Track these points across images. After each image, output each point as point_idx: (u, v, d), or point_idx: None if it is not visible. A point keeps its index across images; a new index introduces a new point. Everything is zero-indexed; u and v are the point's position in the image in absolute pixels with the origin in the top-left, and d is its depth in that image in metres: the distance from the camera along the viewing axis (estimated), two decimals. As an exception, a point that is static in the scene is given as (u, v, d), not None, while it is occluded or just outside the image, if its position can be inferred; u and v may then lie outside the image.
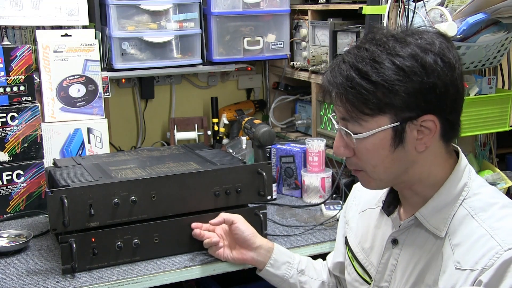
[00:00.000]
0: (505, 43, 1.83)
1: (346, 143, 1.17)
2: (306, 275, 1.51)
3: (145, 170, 1.70)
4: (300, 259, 1.53)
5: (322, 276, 1.53)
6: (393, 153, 1.13)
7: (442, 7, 1.75)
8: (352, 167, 1.20)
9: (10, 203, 1.98)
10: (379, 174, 1.16)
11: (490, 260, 1.05)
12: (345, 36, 2.19)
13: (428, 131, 1.11)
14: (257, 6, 2.43)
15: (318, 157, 2.10)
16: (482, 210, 1.13)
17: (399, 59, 1.08)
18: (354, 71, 1.09)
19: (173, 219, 1.65)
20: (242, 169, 1.72)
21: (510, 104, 1.95)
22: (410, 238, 1.21)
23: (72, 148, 2.09)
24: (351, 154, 1.17)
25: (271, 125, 2.61)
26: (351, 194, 1.48)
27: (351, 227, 1.41)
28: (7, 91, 1.94)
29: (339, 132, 1.17)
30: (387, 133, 1.11)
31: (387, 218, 1.27)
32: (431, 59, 1.08)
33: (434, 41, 1.11)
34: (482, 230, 1.10)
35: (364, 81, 1.08)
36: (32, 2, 2.13)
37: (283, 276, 1.50)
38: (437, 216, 1.16)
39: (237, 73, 2.74)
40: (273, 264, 1.50)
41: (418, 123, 1.10)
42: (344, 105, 1.12)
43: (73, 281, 1.52)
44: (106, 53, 2.26)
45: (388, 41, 1.10)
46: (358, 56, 1.10)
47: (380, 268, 1.26)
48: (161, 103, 2.65)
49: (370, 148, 1.13)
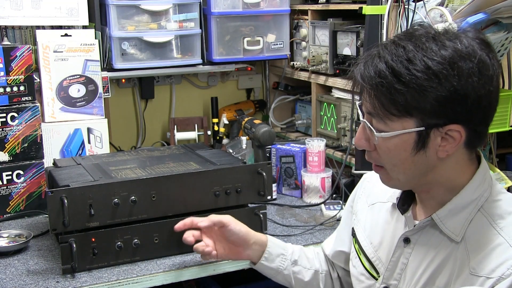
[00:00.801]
0: (505, 43, 1.83)
1: (368, 136, 1.15)
2: (299, 265, 1.50)
3: (145, 170, 1.70)
4: (293, 250, 1.51)
5: (315, 265, 1.51)
6: (414, 156, 1.11)
7: (442, 7, 1.76)
8: (372, 161, 1.18)
9: (10, 203, 1.98)
10: (397, 174, 1.15)
11: (508, 270, 1.04)
12: (345, 36, 2.19)
13: (453, 139, 1.08)
14: (257, 6, 2.43)
15: (318, 157, 2.10)
16: (500, 217, 1.11)
17: (435, 63, 1.04)
18: (388, 68, 1.07)
19: (173, 219, 1.64)
20: (242, 169, 1.72)
21: (510, 104, 1.95)
22: (423, 238, 1.19)
23: (72, 148, 2.09)
24: (372, 149, 1.16)
25: (271, 125, 2.61)
26: (360, 185, 1.46)
27: (359, 219, 1.39)
28: (7, 91, 1.94)
29: (363, 124, 1.15)
30: (411, 136, 1.09)
31: (399, 215, 1.26)
32: (468, 68, 1.04)
33: (475, 49, 1.06)
34: (500, 238, 1.08)
35: (395, 80, 1.06)
36: (32, 2, 2.13)
37: (277, 268, 1.48)
38: (454, 220, 1.14)
39: (237, 73, 2.74)
40: (267, 257, 1.48)
41: (444, 130, 1.08)
42: (372, 101, 1.10)
43: (73, 281, 1.52)
44: (106, 53, 2.26)
45: (426, 41, 1.07)
46: (394, 54, 1.07)
47: (390, 266, 1.25)
48: (161, 103, 2.65)
49: (391, 148, 1.12)
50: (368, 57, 1.12)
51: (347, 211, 1.48)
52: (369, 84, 1.09)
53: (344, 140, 2.21)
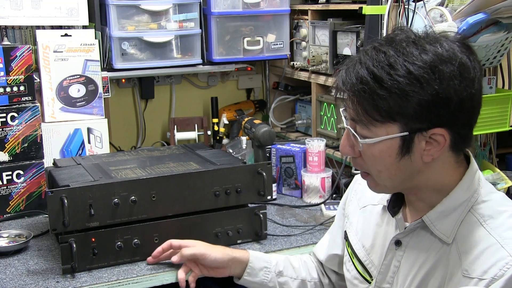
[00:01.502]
0: (505, 43, 1.83)
1: (353, 143, 1.15)
2: (285, 275, 1.50)
3: (145, 170, 1.70)
4: (277, 261, 1.52)
5: (301, 274, 1.51)
6: (399, 161, 1.11)
7: (442, 7, 1.75)
8: (358, 168, 1.19)
9: (10, 203, 1.98)
10: (384, 180, 1.15)
11: (501, 271, 1.04)
12: (345, 36, 2.19)
13: (437, 143, 1.08)
14: (257, 6, 2.43)
15: (318, 157, 2.10)
16: (491, 217, 1.11)
17: (416, 67, 1.04)
18: (369, 74, 1.07)
19: (173, 219, 1.65)
20: (242, 169, 1.72)
21: (510, 104, 1.95)
22: (415, 241, 1.19)
23: (72, 148, 2.09)
24: (357, 155, 1.16)
25: (271, 125, 2.61)
26: (351, 187, 1.46)
27: (351, 222, 1.39)
28: (7, 91, 1.94)
29: (347, 131, 1.16)
30: (395, 141, 1.09)
31: (390, 217, 1.26)
32: (449, 71, 1.04)
33: (455, 52, 1.06)
34: (491, 239, 1.08)
35: (377, 86, 1.06)
36: (32, 2, 2.13)
37: (261, 282, 1.49)
38: (445, 221, 1.14)
39: (237, 73, 2.74)
40: (250, 272, 1.49)
41: (428, 135, 1.08)
42: (355, 108, 1.10)
43: (73, 281, 1.52)
44: (106, 53, 2.26)
45: (407, 46, 1.07)
46: (375, 59, 1.07)
47: (382, 269, 1.25)
48: (161, 103, 2.65)
49: (376, 154, 1.12)
50: (350, 63, 1.12)
51: (340, 214, 1.49)
52: (351, 90, 1.09)
53: (344, 140, 2.21)
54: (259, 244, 1.74)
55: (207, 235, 1.68)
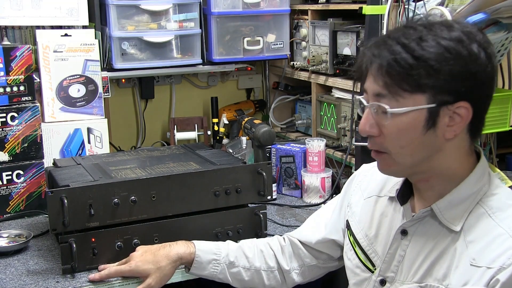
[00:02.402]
0: (505, 43, 1.83)
1: (374, 121, 1.15)
2: (236, 266, 1.50)
3: (145, 170, 1.70)
4: (228, 251, 1.51)
5: (254, 264, 1.51)
6: (424, 135, 1.12)
7: (442, 7, 1.75)
8: (376, 148, 1.18)
9: (10, 203, 1.98)
10: (404, 157, 1.15)
11: (509, 259, 1.05)
12: (345, 36, 2.19)
13: (460, 118, 1.11)
14: (257, 6, 2.43)
15: (318, 157, 2.10)
16: (500, 210, 1.13)
17: (446, 41, 1.08)
18: (400, 45, 1.09)
19: (173, 219, 1.65)
20: (242, 169, 1.72)
21: (510, 104, 1.95)
22: (421, 229, 1.20)
23: (72, 148, 2.09)
24: (377, 133, 1.16)
25: (271, 125, 2.61)
26: (355, 177, 1.46)
27: (354, 212, 1.39)
28: (7, 91, 1.94)
29: (368, 110, 1.16)
30: (421, 113, 1.10)
31: (396, 208, 1.27)
32: (475, 47, 1.09)
33: (478, 33, 1.12)
34: (500, 229, 1.10)
35: (408, 55, 1.08)
36: (32, 2, 2.13)
37: (211, 275, 1.50)
38: (453, 211, 1.16)
39: (237, 73, 2.74)
40: (197, 267, 1.49)
41: (453, 108, 1.10)
42: (384, 79, 1.11)
43: (73, 281, 1.52)
44: (106, 53, 2.26)
45: (435, 24, 1.12)
46: (405, 33, 1.11)
47: (387, 258, 1.25)
48: (161, 103, 2.65)
49: (402, 127, 1.12)
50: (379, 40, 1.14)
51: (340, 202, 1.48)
52: (382, 60, 1.11)
53: (344, 140, 2.21)
54: (259, 244, 1.74)
55: (207, 235, 1.67)
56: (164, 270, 1.49)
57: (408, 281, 1.20)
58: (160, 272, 1.48)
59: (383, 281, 1.26)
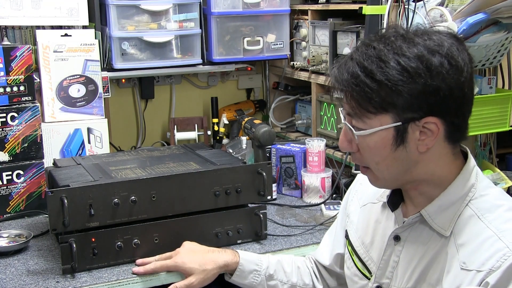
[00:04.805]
0: (505, 43, 1.83)
1: (350, 138, 1.18)
2: (275, 279, 1.52)
3: (145, 170, 1.70)
4: (268, 264, 1.53)
5: (292, 280, 1.53)
6: (395, 152, 1.13)
7: (442, 7, 1.76)
8: (358, 163, 1.21)
9: (10, 203, 1.98)
10: (382, 172, 1.17)
11: (498, 262, 1.05)
12: (345, 36, 2.19)
13: (431, 132, 1.11)
14: (257, 6, 2.43)
15: (318, 157, 2.10)
16: (488, 211, 1.13)
17: (405, 59, 1.07)
18: (360, 68, 1.10)
19: (173, 219, 1.65)
20: (242, 169, 1.72)
21: (510, 104, 1.95)
22: (413, 235, 1.21)
23: (72, 148, 2.09)
24: (355, 150, 1.18)
25: (271, 125, 2.61)
26: (352, 186, 1.48)
27: (352, 221, 1.40)
28: (7, 91, 1.94)
29: (344, 127, 1.18)
30: (389, 132, 1.11)
31: (389, 214, 1.27)
32: (437, 61, 1.07)
33: (443, 43, 1.10)
34: (489, 231, 1.09)
35: (368, 79, 1.09)
36: (32, 2, 2.13)
37: (250, 284, 1.52)
38: (443, 215, 1.16)
39: (237, 73, 2.74)
40: (239, 275, 1.52)
41: (421, 124, 1.10)
42: (349, 102, 1.13)
43: (73, 281, 1.52)
44: (106, 53, 2.26)
45: (396, 40, 1.10)
46: (365, 54, 1.11)
47: (382, 265, 1.26)
48: (161, 103, 2.65)
49: (371, 146, 1.14)
50: (342, 61, 1.15)
51: (341, 213, 1.50)
52: (344, 85, 1.12)
53: (344, 140, 2.21)
54: (259, 244, 1.74)
55: (207, 235, 1.68)
56: (209, 274, 1.52)
57: (403, 286, 1.21)
58: (204, 275, 1.52)
59: (379, 287, 1.27)
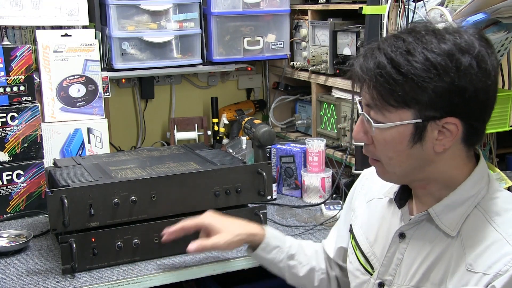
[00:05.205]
0: (505, 43, 1.83)
1: (366, 129, 1.16)
2: (295, 259, 1.50)
3: (145, 170, 1.70)
4: (291, 244, 1.51)
5: (311, 262, 1.51)
6: (410, 149, 1.11)
7: (442, 7, 1.76)
8: (369, 155, 1.19)
9: (10, 203, 1.98)
10: (393, 167, 1.15)
11: (506, 266, 1.04)
12: (345, 36, 2.19)
13: (449, 133, 1.09)
14: (257, 6, 2.43)
15: (318, 157, 2.10)
16: (497, 214, 1.11)
17: (434, 55, 1.05)
18: (387, 59, 1.08)
19: (173, 219, 1.64)
20: (242, 169, 1.72)
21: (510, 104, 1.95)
22: (419, 233, 1.20)
23: (72, 148, 2.09)
24: (369, 142, 1.16)
25: (271, 125, 2.61)
26: (358, 181, 1.46)
27: (357, 216, 1.39)
28: (7, 91, 1.94)
29: (361, 117, 1.16)
30: (407, 128, 1.10)
31: (395, 210, 1.26)
32: (466, 61, 1.05)
33: (474, 44, 1.07)
34: (497, 235, 1.08)
35: (394, 71, 1.07)
36: (32, 2, 2.13)
37: (272, 260, 1.49)
38: (450, 215, 1.15)
39: (237, 73, 2.74)
40: (264, 248, 1.48)
41: (441, 123, 1.08)
42: (371, 92, 1.11)
43: (73, 281, 1.52)
44: (106, 53, 2.26)
45: (426, 35, 1.08)
46: (393, 45, 1.09)
47: (385, 261, 1.25)
48: (161, 103, 2.65)
49: (388, 140, 1.12)
50: (368, 50, 1.13)
51: (346, 208, 1.49)
52: (368, 75, 1.10)
53: (344, 140, 2.21)
54: (259, 244, 1.74)
55: (207, 235, 1.68)
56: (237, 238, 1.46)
57: (406, 284, 1.20)
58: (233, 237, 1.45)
59: (382, 284, 1.26)
